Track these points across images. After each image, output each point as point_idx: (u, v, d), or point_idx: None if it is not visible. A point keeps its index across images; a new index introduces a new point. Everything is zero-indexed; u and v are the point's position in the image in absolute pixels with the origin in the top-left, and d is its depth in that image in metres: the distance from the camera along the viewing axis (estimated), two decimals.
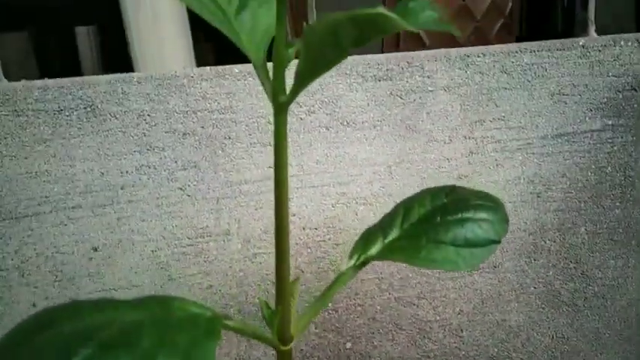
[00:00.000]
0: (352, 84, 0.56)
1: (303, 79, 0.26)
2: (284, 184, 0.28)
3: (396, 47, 1.05)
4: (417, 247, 0.30)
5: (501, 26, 1.11)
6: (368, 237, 0.33)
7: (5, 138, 0.51)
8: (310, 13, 0.67)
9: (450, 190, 0.36)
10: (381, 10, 0.20)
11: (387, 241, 0.32)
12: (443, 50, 0.61)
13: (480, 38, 1.08)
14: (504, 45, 0.63)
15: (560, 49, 0.60)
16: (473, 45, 1.02)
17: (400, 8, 0.23)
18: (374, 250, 0.32)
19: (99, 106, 0.52)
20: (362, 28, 0.21)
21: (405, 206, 0.34)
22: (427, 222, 0.32)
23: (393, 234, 0.33)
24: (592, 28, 0.71)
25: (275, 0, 0.27)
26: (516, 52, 0.58)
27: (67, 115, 0.52)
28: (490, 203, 0.32)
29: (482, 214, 0.31)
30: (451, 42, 1.08)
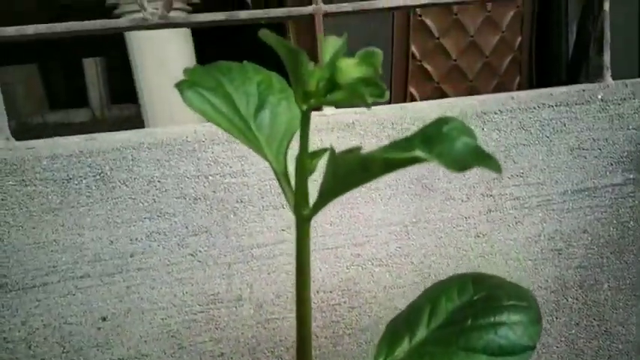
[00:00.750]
0: (366, 144, 0.55)
1: (327, 197, 0.24)
2: (307, 303, 0.26)
3: (404, 86, 1.04)
4: (447, 355, 0.28)
5: (511, 60, 1.10)
6: (393, 335, 0.31)
7: (13, 208, 0.50)
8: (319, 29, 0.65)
9: (477, 280, 0.34)
10: (418, 152, 0.19)
11: (414, 342, 0.30)
12: (458, 104, 0.60)
13: (489, 75, 1.08)
14: (523, 93, 0.61)
15: (579, 104, 0.58)
16: (482, 83, 1.01)
17: (433, 130, 0.22)
18: (400, 351, 0.30)
19: (108, 174, 0.51)
20: (395, 165, 0.19)
21: (431, 299, 0.33)
22: (457, 324, 0.30)
23: (420, 334, 0.31)
24: (608, 74, 0.70)
25: (292, 96, 0.26)
26: (534, 107, 0.57)
27: (76, 184, 0.50)
28: (523, 303, 0.30)
29: (515, 317, 0.29)
30: (460, 78, 1.08)
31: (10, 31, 0.57)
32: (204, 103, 0.25)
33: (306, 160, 0.25)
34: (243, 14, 0.61)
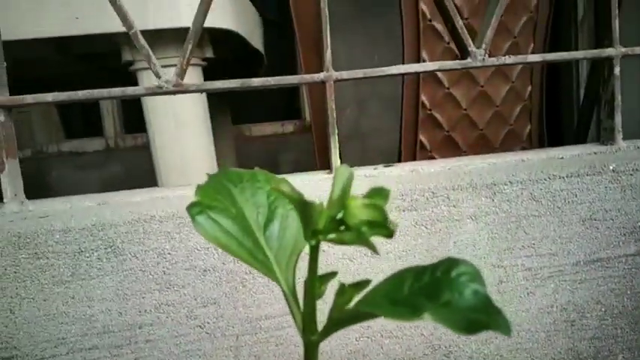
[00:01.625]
0: None
1: (336, 327, 0.24)
2: None
3: (415, 134, 1.05)
4: None
5: (521, 109, 1.10)
6: None
7: (24, 281, 0.50)
8: (325, 41, 0.66)
9: None
10: (425, 316, 0.19)
11: None
12: (468, 170, 0.60)
13: (500, 124, 1.08)
14: (534, 156, 0.61)
15: (590, 174, 0.58)
16: (493, 131, 1.01)
17: (441, 275, 0.22)
18: None
19: (119, 246, 0.51)
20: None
21: None
22: None
23: None
24: (619, 137, 0.70)
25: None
26: (545, 179, 0.57)
27: (88, 257, 0.51)
28: None
29: None
30: (471, 127, 1.08)
31: (29, 99, 0.58)
32: (215, 229, 0.25)
33: (315, 286, 0.25)
34: (256, 82, 0.62)
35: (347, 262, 0.55)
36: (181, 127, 0.85)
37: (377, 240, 0.56)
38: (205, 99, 0.85)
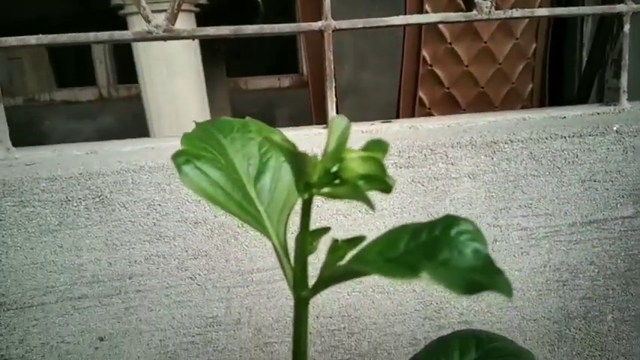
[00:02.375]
0: None
1: (327, 283, 0.23)
2: None
3: (414, 91, 1.02)
4: None
5: (524, 67, 1.07)
6: None
7: (11, 229, 0.49)
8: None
9: (480, 343, 0.33)
10: (423, 274, 0.18)
11: None
12: (469, 127, 0.59)
13: (501, 82, 1.05)
14: (536, 114, 0.60)
15: (593, 135, 0.56)
16: (494, 90, 0.99)
17: (440, 233, 0.21)
18: None
19: (108, 196, 0.50)
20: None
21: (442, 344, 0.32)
22: None
23: None
24: (624, 97, 0.68)
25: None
26: (546, 138, 0.55)
27: (75, 206, 0.50)
28: None
29: None
30: (472, 84, 1.05)
31: (12, 40, 0.56)
32: (201, 179, 0.24)
33: (306, 242, 0.24)
34: (250, 29, 0.59)
35: (341, 219, 0.54)
36: (173, 76, 0.82)
37: (372, 196, 0.55)
38: (198, 48, 0.82)
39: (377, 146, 0.21)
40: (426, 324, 0.58)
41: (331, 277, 0.23)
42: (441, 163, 0.54)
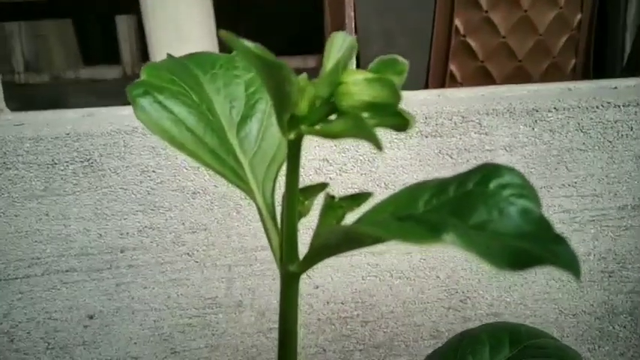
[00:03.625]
0: (393, 140, 0.47)
1: (321, 255, 0.17)
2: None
3: (445, 64, 0.95)
4: None
5: (567, 40, 0.98)
6: None
7: None
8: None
9: (515, 339, 0.27)
10: (446, 236, 0.12)
11: None
12: (505, 96, 0.52)
13: (542, 55, 0.96)
14: (583, 85, 0.52)
15: None
16: (533, 64, 0.90)
17: (475, 186, 0.15)
18: None
19: (97, 160, 0.45)
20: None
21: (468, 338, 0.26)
22: None
23: None
24: None
25: None
26: (597, 107, 0.48)
27: (62, 170, 0.45)
28: None
29: None
30: (509, 57, 0.97)
31: None
32: (162, 116, 0.18)
33: (294, 200, 0.18)
34: None
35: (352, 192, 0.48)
36: (184, 42, 0.77)
37: (391, 171, 0.49)
38: (211, 9, 0.77)
39: (389, 66, 0.15)
40: (449, 315, 0.52)
41: (325, 245, 0.17)
42: (473, 132, 0.48)
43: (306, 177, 0.47)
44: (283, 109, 0.15)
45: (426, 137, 0.47)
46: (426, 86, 1.00)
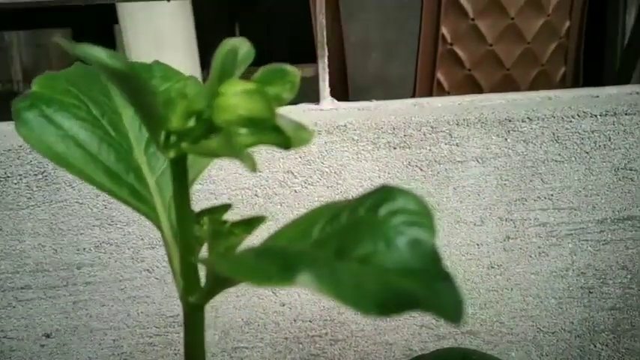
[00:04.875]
0: (360, 152, 0.46)
1: (218, 287, 0.16)
2: None
3: (432, 72, 0.93)
4: None
5: (556, 48, 0.97)
6: None
7: None
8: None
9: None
10: (300, 277, 0.10)
11: None
12: (480, 105, 0.50)
13: (530, 63, 0.95)
14: (563, 93, 0.50)
15: (630, 114, 0.47)
16: (521, 72, 0.89)
17: (364, 212, 0.13)
18: None
19: (52, 173, 0.43)
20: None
21: None
22: None
23: None
24: None
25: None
26: (572, 117, 0.46)
27: (15, 183, 0.43)
28: None
29: None
30: (496, 65, 0.96)
31: None
32: (47, 131, 0.16)
33: (188, 228, 0.16)
34: None
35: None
36: (163, 51, 0.76)
37: (359, 184, 0.47)
38: (192, 24, 0.76)
39: (277, 76, 0.14)
40: (422, 333, 0.50)
41: (215, 277, 0.15)
42: (443, 143, 0.46)
43: (270, 190, 0.46)
44: (152, 125, 0.14)
45: (394, 149, 0.46)
46: (414, 93, 0.98)
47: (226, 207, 0.18)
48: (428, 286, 0.11)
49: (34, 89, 0.18)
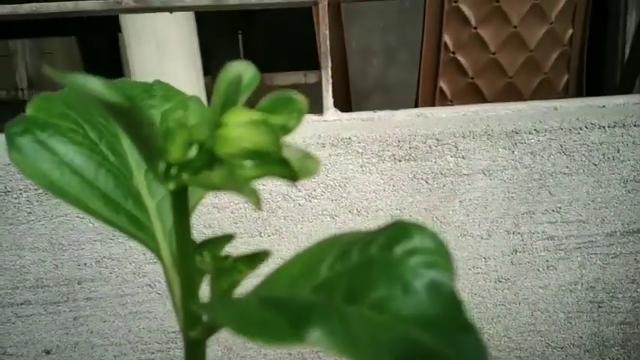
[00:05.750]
0: (365, 164, 0.45)
1: (218, 325, 0.15)
2: None
3: (434, 81, 0.92)
4: None
5: (559, 56, 0.96)
6: None
7: None
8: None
9: None
10: (310, 335, 0.09)
11: None
12: (486, 116, 0.49)
13: (533, 71, 0.94)
14: (569, 103, 0.50)
15: (639, 125, 0.46)
16: (524, 80, 0.88)
17: (381, 242, 0.12)
18: None
19: None
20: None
21: None
22: None
23: None
24: None
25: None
26: (580, 129, 0.45)
27: (15, 198, 0.43)
28: None
29: None
30: (499, 74, 0.95)
31: (7, 9, 0.49)
32: (42, 158, 0.16)
33: (189, 260, 0.16)
34: (233, 0, 0.51)
35: (327, 220, 0.45)
36: (166, 60, 0.75)
37: (363, 197, 0.46)
38: (195, 33, 0.75)
39: (283, 104, 0.13)
40: None
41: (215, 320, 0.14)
42: (449, 156, 0.45)
43: (274, 203, 0.45)
44: (150, 156, 0.13)
45: (400, 161, 0.45)
46: (416, 104, 0.97)
47: (228, 238, 0.17)
48: (449, 339, 0.10)
49: (29, 113, 0.17)
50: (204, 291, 0.18)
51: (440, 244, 0.12)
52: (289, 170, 0.12)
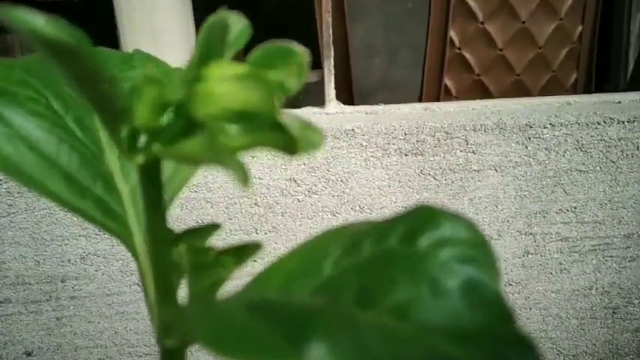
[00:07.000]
0: (369, 158, 0.42)
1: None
2: None
3: (439, 77, 0.90)
4: None
5: (568, 53, 0.94)
6: None
7: None
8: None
9: None
10: (313, 352, 0.06)
11: None
12: (496, 109, 0.47)
13: (541, 69, 0.92)
14: (584, 98, 0.47)
15: None
16: (532, 78, 0.86)
17: (403, 232, 0.09)
18: None
19: None
20: None
21: None
22: None
23: None
24: None
25: None
26: (598, 123, 0.43)
27: None
28: None
29: None
30: (506, 71, 0.92)
31: None
32: None
33: (163, 254, 0.13)
34: None
35: (328, 217, 0.43)
36: (161, 49, 0.72)
37: (366, 193, 0.43)
38: (191, 21, 0.73)
39: (279, 57, 0.10)
40: None
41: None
42: (459, 150, 0.42)
43: (271, 198, 0.42)
44: (110, 120, 0.10)
45: (406, 155, 0.42)
46: (420, 98, 0.95)
47: (214, 227, 0.14)
48: (493, 356, 0.08)
49: None
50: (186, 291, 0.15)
51: (476, 234, 0.09)
52: (287, 138, 0.09)
